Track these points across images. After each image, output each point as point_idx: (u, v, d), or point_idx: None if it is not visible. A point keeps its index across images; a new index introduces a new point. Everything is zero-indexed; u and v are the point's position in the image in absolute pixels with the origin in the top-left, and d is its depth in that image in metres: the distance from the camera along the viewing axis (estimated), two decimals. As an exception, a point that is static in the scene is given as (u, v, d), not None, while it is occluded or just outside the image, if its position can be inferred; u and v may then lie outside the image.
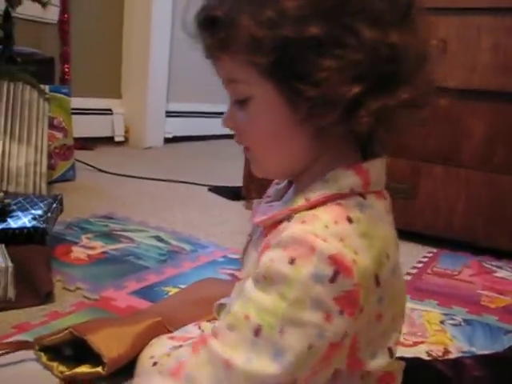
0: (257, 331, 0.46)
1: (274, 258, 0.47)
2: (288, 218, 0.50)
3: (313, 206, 0.49)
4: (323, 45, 0.45)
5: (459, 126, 1.51)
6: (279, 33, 0.46)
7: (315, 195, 0.49)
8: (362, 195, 0.50)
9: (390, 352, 0.52)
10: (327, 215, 0.47)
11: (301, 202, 0.50)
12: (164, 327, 0.78)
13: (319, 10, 0.46)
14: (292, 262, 0.45)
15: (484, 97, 1.46)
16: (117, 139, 3.10)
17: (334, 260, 0.44)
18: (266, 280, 0.47)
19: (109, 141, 3.05)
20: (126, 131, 3.17)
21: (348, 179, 0.49)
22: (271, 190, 0.61)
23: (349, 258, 0.45)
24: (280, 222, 0.51)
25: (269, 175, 0.57)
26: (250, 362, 0.47)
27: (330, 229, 0.46)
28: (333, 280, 0.44)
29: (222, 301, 0.64)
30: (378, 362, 0.51)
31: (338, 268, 0.44)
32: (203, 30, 0.51)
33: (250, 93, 0.51)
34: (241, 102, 0.52)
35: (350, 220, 0.47)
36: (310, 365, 0.47)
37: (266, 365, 0.46)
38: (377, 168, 0.52)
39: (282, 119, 0.50)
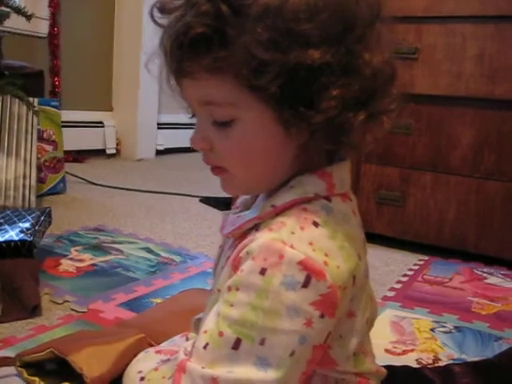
0: (236, 345, 0.45)
1: (244, 269, 0.46)
2: (256, 227, 0.50)
3: (279, 213, 0.49)
4: (333, 71, 0.44)
5: (446, 133, 1.51)
6: (287, 56, 0.44)
7: (281, 201, 0.49)
8: (327, 198, 0.49)
9: (365, 353, 0.51)
10: (293, 221, 0.47)
11: (267, 209, 0.49)
12: (148, 343, 0.77)
13: (328, 35, 0.44)
14: (262, 272, 0.44)
15: (470, 104, 1.47)
16: (108, 152, 3.10)
17: (303, 265, 0.44)
18: (238, 292, 0.46)
19: (100, 153, 3.05)
20: (118, 143, 3.17)
21: (312, 183, 0.49)
22: (239, 201, 0.60)
23: (319, 261, 0.45)
24: (249, 231, 0.51)
25: (246, 193, 0.56)
26: (232, 373, 0.46)
27: (297, 234, 0.46)
28: (306, 285, 0.44)
29: (199, 315, 0.63)
30: (351, 362, 0.51)
31: (310, 273, 0.44)
32: (191, 49, 0.46)
33: (235, 115, 0.48)
34: (221, 124, 0.49)
35: (316, 224, 0.47)
36: (297, 369, 0.46)
37: (250, 372, 0.45)
38: (341, 171, 0.51)
39: (272, 142, 0.49)
